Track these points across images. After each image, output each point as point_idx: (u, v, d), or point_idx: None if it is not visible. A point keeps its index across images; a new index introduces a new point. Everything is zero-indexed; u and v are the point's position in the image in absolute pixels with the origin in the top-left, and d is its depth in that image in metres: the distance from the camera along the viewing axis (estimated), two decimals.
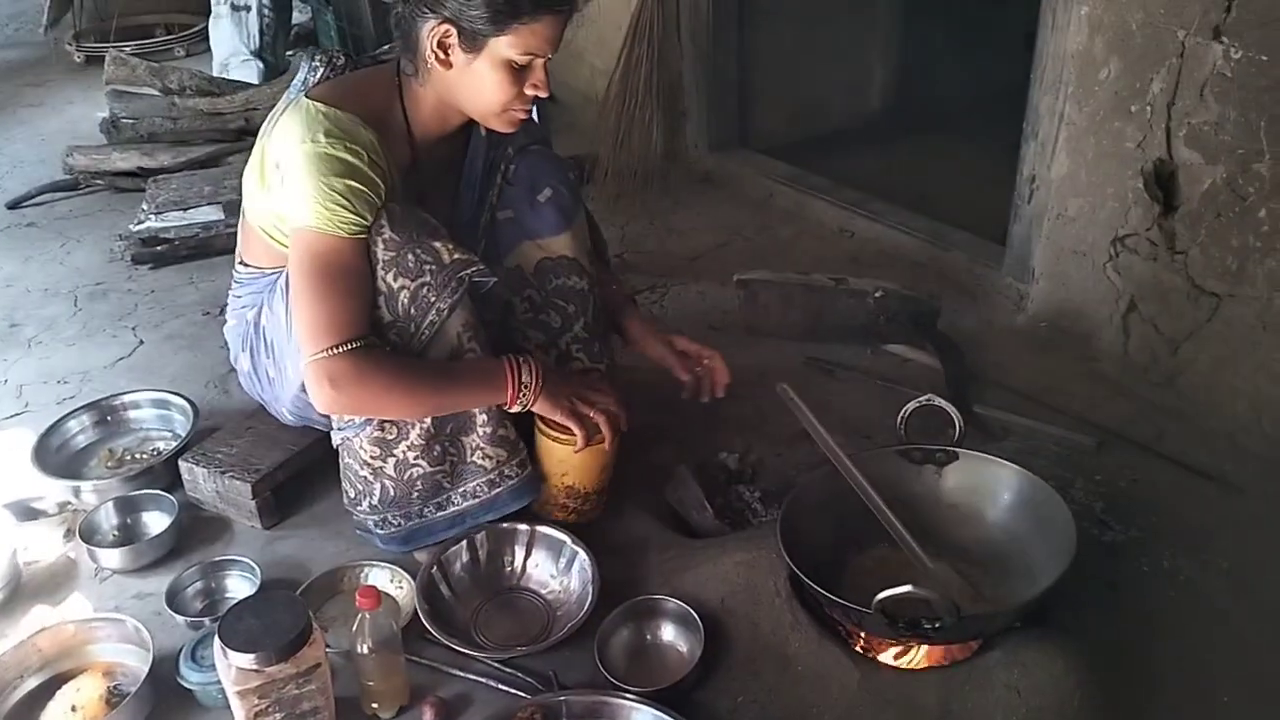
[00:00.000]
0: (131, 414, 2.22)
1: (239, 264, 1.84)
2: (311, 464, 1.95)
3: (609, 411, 1.72)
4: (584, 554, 1.72)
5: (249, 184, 1.71)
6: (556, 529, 1.76)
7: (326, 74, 1.71)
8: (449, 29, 1.55)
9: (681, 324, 2.39)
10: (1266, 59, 1.82)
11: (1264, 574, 1.72)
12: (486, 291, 1.68)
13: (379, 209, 1.56)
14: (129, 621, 1.64)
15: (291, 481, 1.94)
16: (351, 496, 1.77)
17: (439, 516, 1.74)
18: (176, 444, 2.06)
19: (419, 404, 1.63)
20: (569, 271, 1.80)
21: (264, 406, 1.96)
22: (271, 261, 1.75)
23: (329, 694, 1.46)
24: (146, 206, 2.98)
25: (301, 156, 1.53)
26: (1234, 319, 2.01)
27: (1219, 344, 2.05)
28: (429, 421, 1.65)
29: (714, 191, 3.24)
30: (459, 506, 1.73)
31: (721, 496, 1.90)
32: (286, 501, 1.94)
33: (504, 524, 1.77)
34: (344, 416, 1.68)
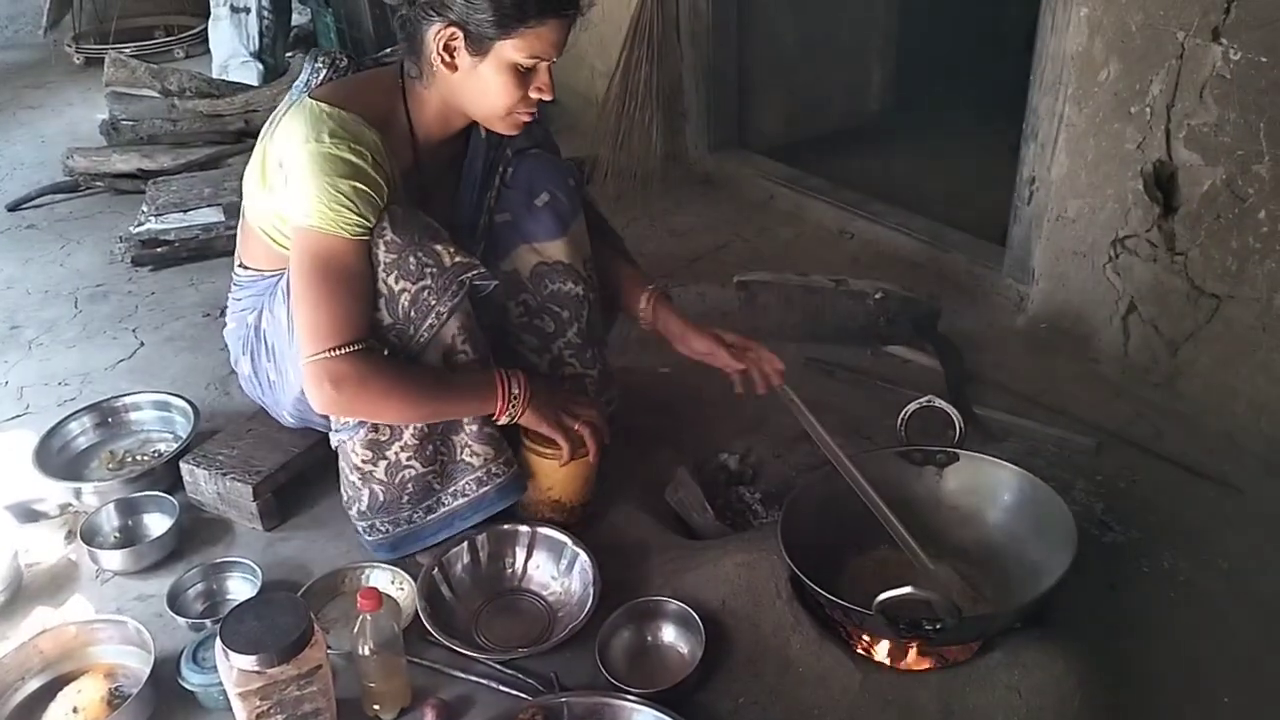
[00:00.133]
0: (132, 416, 2.22)
1: (239, 266, 1.84)
2: (312, 466, 1.95)
3: (593, 424, 1.73)
4: (585, 555, 1.72)
5: (249, 185, 1.71)
6: (557, 530, 1.77)
7: (329, 75, 1.71)
8: (455, 32, 1.55)
9: None
10: (1266, 60, 1.82)
11: (1264, 574, 1.73)
12: (485, 294, 1.68)
13: (382, 210, 1.57)
14: (130, 623, 1.64)
15: (292, 483, 1.94)
16: (345, 500, 1.78)
17: (428, 520, 1.74)
18: (177, 446, 2.07)
19: (413, 411, 1.63)
20: (564, 277, 1.79)
21: (265, 409, 1.96)
22: (271, 264, 1.75)
23: (330, 695, 1.46)
24: (146, 208, 2.98)
25: (306, 156, 1.53)
26: (1234, 320, 2.01)
27: (1219, 345, 2.06)
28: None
29: (714, 193, 3.24)
30: (448, 506, 1.74)
31: (722, 498, 1.90)
32: (287, 503, 1.94)
33: (505, 525, 1.77)
34: (340, 418, 1.68)
